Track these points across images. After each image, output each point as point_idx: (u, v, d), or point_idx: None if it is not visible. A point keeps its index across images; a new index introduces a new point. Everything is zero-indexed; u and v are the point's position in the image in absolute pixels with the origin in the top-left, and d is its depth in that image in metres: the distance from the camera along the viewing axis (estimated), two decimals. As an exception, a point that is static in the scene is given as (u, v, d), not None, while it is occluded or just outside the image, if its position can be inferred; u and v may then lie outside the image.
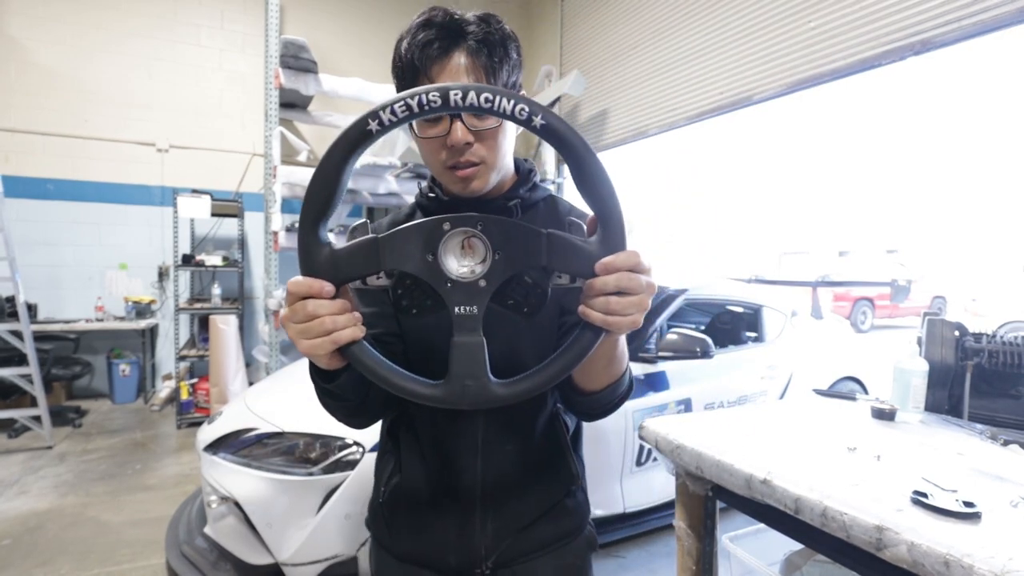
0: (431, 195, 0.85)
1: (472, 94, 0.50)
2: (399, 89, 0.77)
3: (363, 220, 0.57)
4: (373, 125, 0.51)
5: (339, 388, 0.68)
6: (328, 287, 0.55)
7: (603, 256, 0.55)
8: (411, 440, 0.85)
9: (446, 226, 0.55)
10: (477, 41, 0.72)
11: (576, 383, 0.76)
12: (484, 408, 0.56)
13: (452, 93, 0.50)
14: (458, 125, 0.71)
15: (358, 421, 0.80)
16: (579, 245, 0.56)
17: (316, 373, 0.68)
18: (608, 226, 0.55)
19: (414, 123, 0.75)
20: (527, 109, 0.51)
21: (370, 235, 0.55)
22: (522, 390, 0.56)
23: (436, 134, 0.73)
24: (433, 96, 0.50)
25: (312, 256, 0.55)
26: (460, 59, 0.72)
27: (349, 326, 0.56)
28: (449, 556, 0.83)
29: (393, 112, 0.51)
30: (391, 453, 0.88)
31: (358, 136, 0.52)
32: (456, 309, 0.55)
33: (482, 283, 0.55)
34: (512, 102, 0.51)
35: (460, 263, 0.56)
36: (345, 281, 0.56)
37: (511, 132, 0.79)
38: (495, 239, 0.55)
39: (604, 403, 0.77)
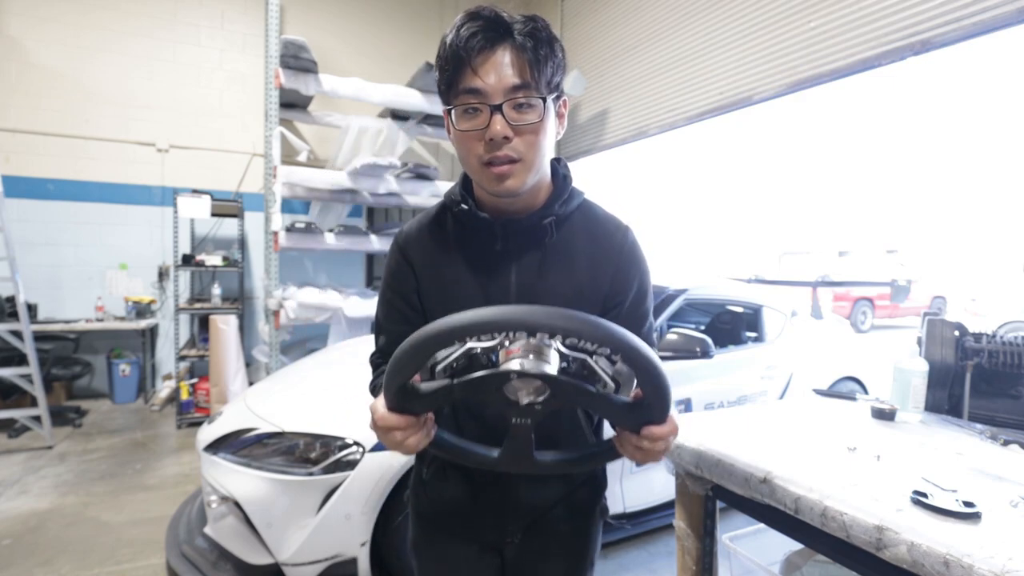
0: (464, 206, 0.82)
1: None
2: (441, 81, 0.76)
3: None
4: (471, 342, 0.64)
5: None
6: (411, 421, 0.66)
7: (646, 418, 0.65)
8: (453, 428, 0.92)
9: (513, 376, 0.63)
10: (523, 36, 0.72)
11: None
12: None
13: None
14: (497, 118, 0.70)
15: None
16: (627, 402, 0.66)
17: None
18: (657, 397, 0.65)
19: (452, 116, 0.75)
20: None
21: (445, 381, 0.64)
22: (553, 465, 0.72)
23: (474, 126, 0.72)
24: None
25: (398, 397, 0.66)
26: (505, 53, 0.72)
27: (425, 436, 0.69)
28: (485, 531, 0.92)
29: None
30: None
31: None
32: (514, 420, 0.66)
33: (538, 407, 0.65)
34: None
35: (522, 396, 0.65)
36: (422, 413, 0.68)
37: (551, 132, 0.77)
38: (555, 390, 0.64)
39: None
